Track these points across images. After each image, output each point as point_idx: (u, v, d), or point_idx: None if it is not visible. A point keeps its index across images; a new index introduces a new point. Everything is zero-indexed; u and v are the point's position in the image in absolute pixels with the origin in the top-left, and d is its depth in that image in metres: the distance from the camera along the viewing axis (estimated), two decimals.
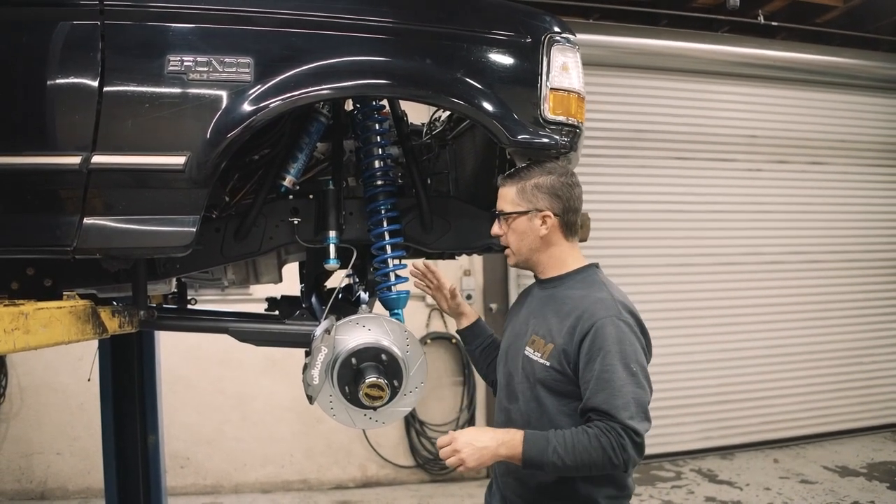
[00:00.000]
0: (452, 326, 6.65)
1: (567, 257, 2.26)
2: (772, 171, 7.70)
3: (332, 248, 2.42)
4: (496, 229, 2.28)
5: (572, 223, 2.24)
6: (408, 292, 2.56)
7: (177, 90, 1.99)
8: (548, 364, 2.11)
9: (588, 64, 2.38)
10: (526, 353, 2.19)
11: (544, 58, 2.23)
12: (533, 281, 2.41)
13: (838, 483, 6.47)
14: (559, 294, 2.22)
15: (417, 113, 2.94)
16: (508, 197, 2.22)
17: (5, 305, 1.77)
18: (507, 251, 2.28)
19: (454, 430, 2.08)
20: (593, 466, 1.96)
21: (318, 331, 2.24)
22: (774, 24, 7.11)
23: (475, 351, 2.65)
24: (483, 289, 6.91)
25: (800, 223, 7.81)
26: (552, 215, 2.18)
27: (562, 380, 2.09)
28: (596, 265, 2.30)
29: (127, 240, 2.00)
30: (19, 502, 5.99)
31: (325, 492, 6.47)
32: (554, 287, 2.25)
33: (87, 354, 3.94)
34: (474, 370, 4.16)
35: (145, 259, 2.31)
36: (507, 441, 1.99)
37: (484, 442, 1.99)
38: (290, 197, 2.50)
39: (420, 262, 2.76)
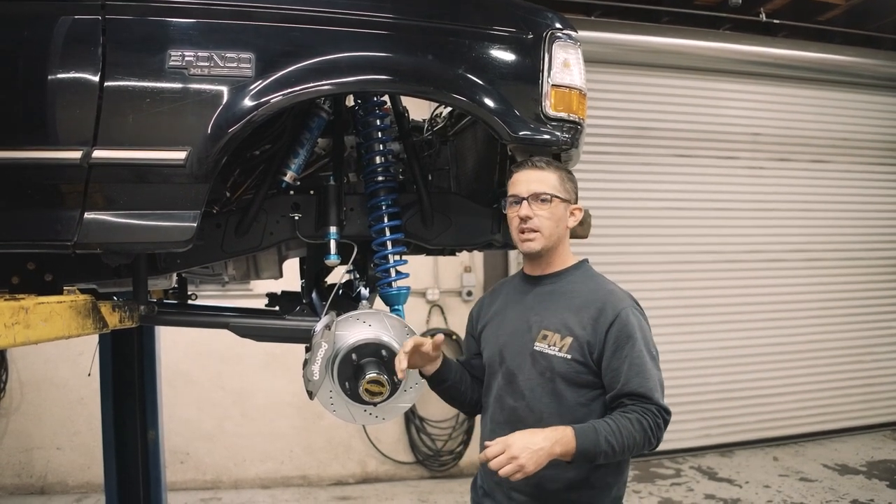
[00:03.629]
0: (453, 323, 6.70)
1: (568, 253, 2.32)
2: (774, 169, 7.70)
3: (332, 244, 2.42)
4: (527, 210, 2.18)
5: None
6: (408, 288, 2.56)
7: (178, 85, 1.98)
8: (568, 357, 2.13)
9: (589, 61, 2.38)
10: (537, 348, 2.18)
11: (546, 54, 2.22)
12: (505, 279, 2.41)
13: (838, 481, 6.47)
14: (563, 289, 2.24)
15: (419, 109, 2.94)
16: (550, 181, 2.20)
17: (6, 300, 1.76)
18: (536, 235, 2.19)
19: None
20: (635, 448, 2.03)
21: (319, 326, 2.24)
22: (776, 21, 7.10)
23: (456, 382, 2.35)
24: (483, 285, 6.91)
25: (802, 221, 7.81)
26: (581, 211, 2.27)
27: (583, 371, 2.13)
28: (587, 260, 2.35)
29: (127, 235, 2.00)
30: (19, 497, 6.00)
31: (324, 487, 6.47)
32: (553, 283, 2.27)
33: (87, 349, 3.95)
34: None
35: (146, 254, 2.31)
36: (559, 439, 1.96)
37: (539, 444, 1.94)
38: (291, 192, 2.50)
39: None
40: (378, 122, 2.53)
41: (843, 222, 7.99)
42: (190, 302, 3.26)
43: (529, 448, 1.92)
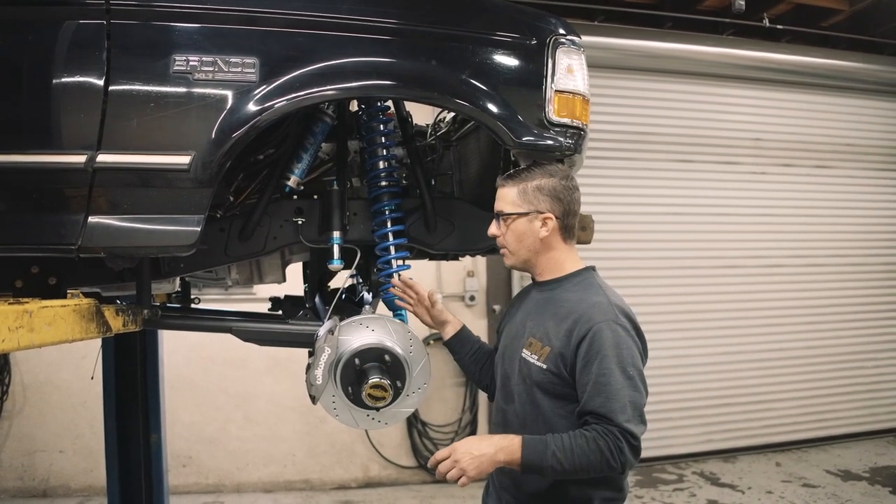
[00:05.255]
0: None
1: (565, 260, 2.26)
2: (777, 175, 7.68)
3: (335, 249, 2.42)
4: (494, 230, 2.26)
5: (571, 226, 2.24)
6: None
7: (182, 90, 1.99)
8: (544, 367, 2.11)
9: (592, 66, 2.38)
10: (523, 355, 2.19)
11: (549, 60, 2.23)
12: (530, 282, 2.40)
13: (841, 487, 6.45)
14: (556, 297, 2.21)
15: (422, 114, 2.94)
16: (508, 198, 2.21)
17: (10, 303, 1.76)
18: (504, 251, 2.27)
19: (454, 439, 2.08)
20: (591, 469, 1.96)
21: (322, 331, 2.24)
22: (780, 27, 7.10)
23: (465, 358, 2.56)
24: (486, 290, 6.90)
25: (804, 227, 7.79)
26: (553, 218, 2.18)
27: (558, 382, 2.10)
28: (593, 268, 2.30)
29: (131, 239, 2.00)
30: (22, 500, 5.99)
31: (327, 492, 6.47)
32: (552, 290, 2.24)
33: (90, 353, 3.94)
34: None
35: (149, 258, 2.31)
36: (505, 447, 1.98)
37: (482, 449, 1.98)
38: (295, 197, 2.51)
39: (397, 278, 2.54)
40: (381, 126, 2.54)
41: (846, 228, 7.97)
42: (193, 306, 3.27)
43: (471, 453, 1.98)
